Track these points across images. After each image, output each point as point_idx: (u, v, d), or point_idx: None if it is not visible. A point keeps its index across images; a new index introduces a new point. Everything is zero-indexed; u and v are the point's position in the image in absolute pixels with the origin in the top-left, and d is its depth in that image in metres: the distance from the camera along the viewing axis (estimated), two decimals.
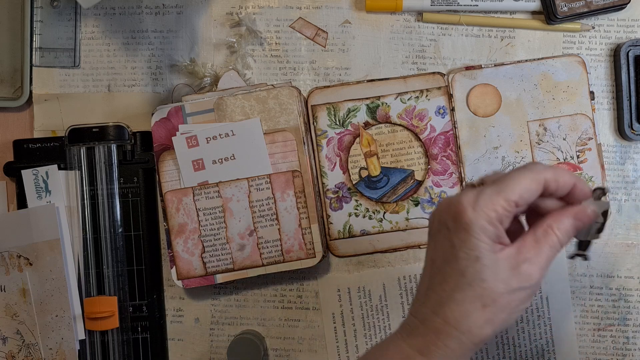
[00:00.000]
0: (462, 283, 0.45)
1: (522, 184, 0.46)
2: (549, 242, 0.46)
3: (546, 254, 0.46)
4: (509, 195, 0.45)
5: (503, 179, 0.46)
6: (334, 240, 0.67)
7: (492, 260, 0.45)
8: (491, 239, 0.45)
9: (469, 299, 0.45)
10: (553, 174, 0.46)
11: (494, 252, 0.45)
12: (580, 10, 0.65)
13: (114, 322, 0.66)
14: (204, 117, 0.65)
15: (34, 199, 0.66)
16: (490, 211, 0.45)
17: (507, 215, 0.45)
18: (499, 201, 0.45)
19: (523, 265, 0.45)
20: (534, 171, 0.46)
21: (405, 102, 0.66)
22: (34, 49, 0.68)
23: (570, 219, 0.47)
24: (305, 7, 0.68)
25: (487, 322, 0.45)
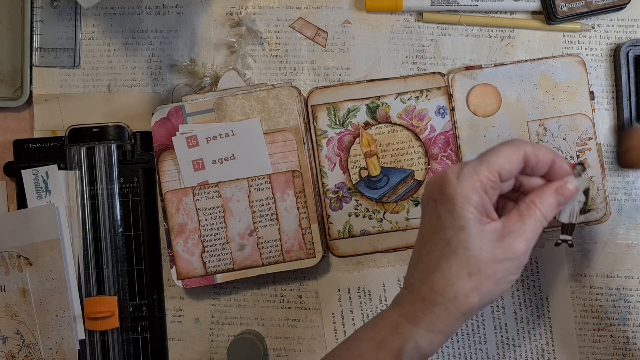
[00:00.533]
0: (448, 251, 0.47)
1: (503, 155, 0.48)
2: (532, 216, 0.48)
3: (530, 226, 0.48)
4: (491, 166, 0.47)
5: (486, 152, 0.48)
6: (334, 240, 0.67)
7: (477, 230, 0.47)
8: (477, 209, 0.47)
9: (455, 267, 0.47)
10: (532, 148, 0.48)
11: (480, 223, 0.47)
12: (580, 10, 0.65)
13: (114, 322, 0.66)
14: (204, 117, 0.65)
15: (34, 199, 0.66)
16: (474, 181, 0.47)
17: (491, 185, 0.47)
18: (482, 171, 0.47)
19: (508, 237, 0.47)
20: (514, 144, 0.48)
21: (405, 102, 0.66)
22: (34, 49, 0.68)
23: (552, 193, 0.49)
24: (305, 7, 0.68)
25: (472, 290, 0.47)
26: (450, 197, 0.47)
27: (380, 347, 0.49)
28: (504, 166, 0.47)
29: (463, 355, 0.67)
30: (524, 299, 0.67)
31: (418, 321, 0.48)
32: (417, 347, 0.48)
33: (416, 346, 0.48)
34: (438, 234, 0.48)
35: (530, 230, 0.48)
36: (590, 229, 0.67)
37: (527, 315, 0.67)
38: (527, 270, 0.67)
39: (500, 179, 0.48)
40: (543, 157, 0.49)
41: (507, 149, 0.48)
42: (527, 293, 0.67)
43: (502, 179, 0.48)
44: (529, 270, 0.67)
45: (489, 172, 0.47)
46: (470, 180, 0.47)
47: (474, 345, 0.67)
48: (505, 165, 0.47)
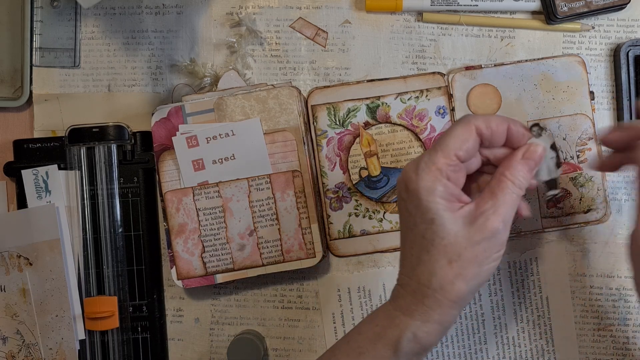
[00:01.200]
0: (425, 244, 0.48)
1: (455, 135, 0.47)
2: (504, 189, 0.48)
3: (503, 201, 0.47)
4: (445, 151, 0.47)
5: (439, 137, 0.49)
6: (334, 240, 0.67)
7: (448, 218, 0.47)
8: (443, 198, 0.47)
9: (434, 258, 0.47)
10: (484, 120, 0.48)
11: (450, 210, 0.47)
12: (580, 10, 0.65)
13: (114, 322, 0.66)
14: (204, 117, 0.65)
15: (34, 199, 0.66)
16: (433, 170, 0.47)
17: (451, 169, 0.47)
18: (438, 158, 0.47)
19: (481, 217, 0.47)
20: (464, 121, 0.48)
21: (405, 102, 0.66)
22: (34, 49, 0.68)
23: (520, 161, 0.49)
24: (305, 7, 0.68)
25: (456, 277, 0.47)
26: (414, 192, 0.47)
27: (378, 339, 0.49)
28: (460, 146, 0.47)
29: (463, 355, 0.67)
30: (524, 299, 0.67)
31: (412, 313, 0.48)
32: (415, 337, 0.48)
33: (413, 337, 0.48)
34: (413, 230, 0.48)
35: (504, 204, 0.47)
36: (590, 229, 0.67)
37: (527, 315, 0.67)
38: (527, 270, 0.67)
39: (460, 160, 0.48)
40: (496, 127, 0.48)
41: (458, 128, 0.48)
42: (527, 293, 0.67)
43: (461, 159, 0.48)
44: (529, 270, 0.67)
45: (445, 158, 0.47)
46: (428, 172, 0.47)
47: (474, 345, 0.67)
48: (460, 145, 0.47)
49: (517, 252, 0.67)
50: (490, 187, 0.48)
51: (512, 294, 0.67)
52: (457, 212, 0.47)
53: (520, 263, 0.67)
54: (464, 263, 0.47)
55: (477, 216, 0.47)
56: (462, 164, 0.48)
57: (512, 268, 0.67)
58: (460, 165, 0.48)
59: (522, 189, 0.48)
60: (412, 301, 0.49)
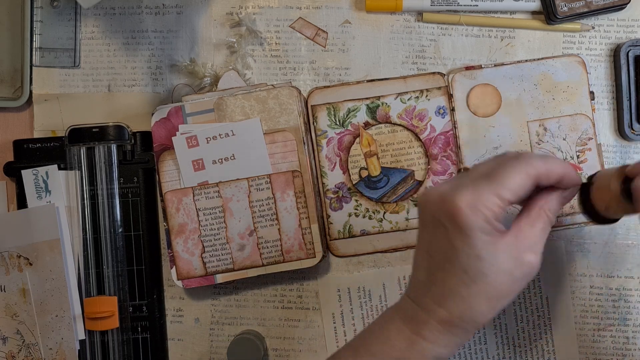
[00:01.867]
0: (465, 279, 0.46)
1: (516, 180, 0.46)
2: (542, 225, 0.48)
3: (541, 237, 0.47)
4: (504, 194, 0.45)
5: (496, 173, 0.46)
6: (334, 240, 0.67)
7: (491, 254, 0.46)
8: (489, 235, 0.46)
9: (474, 294, 0.46)
10: (545, 167, 0.47)
11: (493, 244, 0.46)
12: (580, 10, 0.65)
13: (114, 322, 0.66)
14: (204, 117, 0.65)
15: (34, 199, 0.66)
16: (487, 211, 0.45)
17: (502, 212, 0.46)
18: (495, 200, 0.45)
19: (525, 254, 0.46)
20: (527, 164, 0.46)
21: (405, 102, 0.66)
22: (34, 49, 0.68)
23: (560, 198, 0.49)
24: (305, 7, 0.68)
25: (490, 310, 0.47)
26: (465, 229, 0.45)
27: None
28: (517, 192, 0.46)
29: (463, 355, 0.67)
30: (524, 299, 0.67)
31: (436, 340, 0.48)
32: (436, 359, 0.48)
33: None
34: (453, 262, 0.47)
35: (542, 241, 0.48)
36: (590, 229, 0.67)
37: (527, 315, 0.67)
38: None
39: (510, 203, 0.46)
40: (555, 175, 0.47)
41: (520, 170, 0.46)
42: (527, 293, 0.67)
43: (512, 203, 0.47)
44: None
45: (501, 202, 0.46)
46: (484, 211, 0.45)
47: (474, 345, 0.67)
48: (518, 191, 0.46)
49: None
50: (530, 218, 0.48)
51: None
52: (497, 244, 0.46)
53: None
54: (501, 299, 0.47)
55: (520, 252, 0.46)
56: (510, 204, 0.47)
57: None
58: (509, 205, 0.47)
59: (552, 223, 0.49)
60: (438, 329, 0.48)
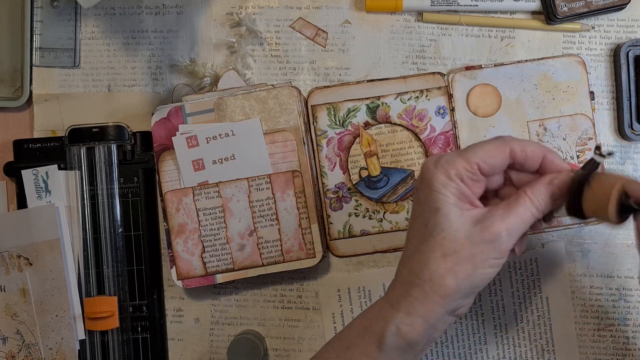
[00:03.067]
0: (425, 234, 0.48)
1: (486, 149, 0.48)
2: (519, 203, 0.48)
3: (516, 212, 0.47)
4: (469, 157, 0.48)
5: (471, 145, 0.49)
6: (334, 240, 0.67)
7: (453, 212, 0.47)
8: (454, 194, 0.48)
9: (430, 249, 0.48)
10: (520, 144, 0.49)
11: (458, 207, 0.47)
12: (580, 10, 0.65)
13: (114, 322, 0.66)
14: (204, 117, 0.65)
15: (34, 199, 0.66)
16: (450, 168, 0.48)
17: (469, 176, 0.48)
18: (459, 161, 0.48)
19: (487, 220, 0.47)
20: (500, 139, 0.49)
21: (405, 102, 0.66)
22: (34, 49, 0.68)
23: (544, 184, 0.48)
24: (305, 7, 0.68)
25: (448, 272, 0.47)
26: (427, 182, 0.48)
27: (366, 333, 0.49)
28: (486, 160, 0.48)
29: (463, 355, 0.67)
30: (524, 299, 0.67)
31: (399, 305, 0.48)
32: (398, 330, 0.48)
33: (397, 330, 0.48)
34: (417, 219, 0.49)
35: (516, 216, 0.47)
36: (590, 229, 0.67)
37: (527, 315, 0.67)
38: (527, 270, 0.67)
39: (480, 172, 0.48)
40: (532, 153, 0.49)
41: (493, 143, 0.49)
42: (527, 293, 0.67)
43: (482, 172, 0.48)
44: (529, 270, 0.67)
45: (466, 163, 0.48)
46: (446, 167, 0.48)
47: (474, 345, 0.67)
48: (486, 159, 0.48)
49: None
50: (508, 200, 0.48)
51: (512, 294, 0.67)
52: (466, 211, 0.48)
53: (520, 263, 0.67)
54: (459, 259, 0.47)
55: (485, 218, 0.47)
56: (482, 175, 0.48)
57: (512, 268, 0.67)
58: (479, 175, 0.48)
59: (539, 210, 0.48)
60: (401, 292, 0.49)
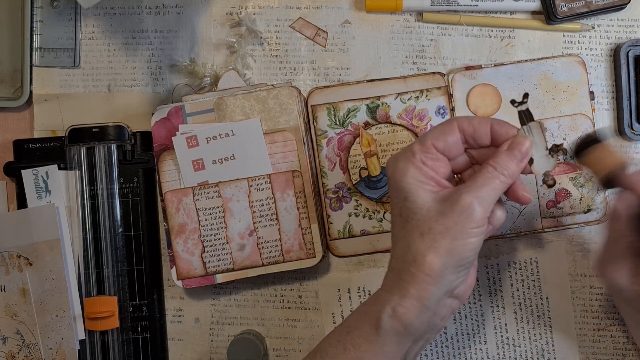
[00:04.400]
0: (402, 222, 0.51)
1: (435, 128, 0.52)
2: (484, 174, 0.50)
3: (482, 182, 0.50)
4: (422, 140, 0.51)
5: None
6: (334, 240, 0.67)
7: (420, 196, 0.50)
8: (417, 179, 0.50)
9: (408, 233, 0.50)
10: (466, 119, 0.52)
11: (423, 189, 0.50)
12: (580, 10, 0.65)
13: (114, 322, 0.66)
14: (204, 117, 0.65)
15: (34, 199, 0.66)
16: (408, 156, 0.51)
17: (428, 156, 0.51)
18: (414, 146, 0.51)
19: (455, 193, 0.49)
20: (448, 120, 0.53)
21: (405, 102, 0.66)
22: (34, 49, 0.68)
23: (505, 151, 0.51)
24: (305, 7, 0.68)
25: (428, 249, 0.49)
26: (391, 176, 0.51)
27: (364, 317, 0.52)
28: (437, 137, 0.51)
29: (463, 355, 0.67)
30: (524, 299, 0.67)
31: (392, 289, 0.51)
32: (394, 312, 0.50)
33: (392, 312, 0.50)
34: (393, 212, 0.52)
35: (482, 186, 0.49)
36: (590, 229, 0.67)
37: (527, 315, 0.67)
38: (527, 270, 0.67)
39: (438, 150, 0.51)
40: (478, 125, 0.52)
41: (442, 123, 0.52)
42: (527, 293, 0.67)
43: (439, 150, 0.51)
44: (529, 270, 0.67)
45: (420, 145, 0.51)
46: (404, 157, 0.51)
47: (474, 345, 0.67)
48: (438, 137, 0.51)
49: (517, 252, 0.67)
50: (475, 172, 0.52)
51: (512, 294, 0.67)
52: (434, 192, 0.50)
53: (520, 263, 0.67)
54: (435, 235, 0.49)
55: (452, 194, 0.50)
56: (440, 154, 0.51)
57: (512, 268, 0.67)
58: (438, 155, 0.51)
59: (508, 177, 0.50)
60: (393, 278, 0.51)
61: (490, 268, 0.67)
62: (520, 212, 0.66)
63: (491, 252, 0.67)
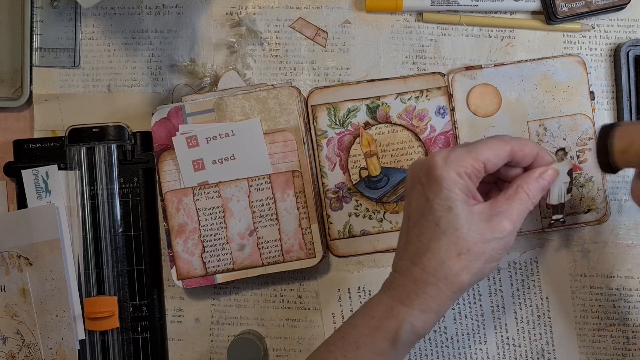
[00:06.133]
0: (437, 232, 0.49)
1: (491, 148, 0.50)
2: (519, 198, 0.51)
3: (517, 208, 0.50)
4: (478, 156, 0.50)
5: (474, 142, 0.51)
6: (334, 240, 0.67)
7: (464, 210, 0.49)
8: (463, 192, 0.49)
9: (445, 248, 0.49)
10: (519, 144, 0.51)
11: (467, 204, 0.49)
12: (580, 10, 0.65)
13: (114, 322, 0.66)
14: (204, 117, 0.65)
15: (34, 199, 0.66)
16: (460, 166, 0.49)
17: (475, 173, 0.50)
18: (468, 159, 0.49)
19: (496, 217, 0.49)
20: (502, 140, 0.51)
21: (405, 102, 0.66)
22: (34, 49, 0.68)
23: (536, 178, 0.52)
24: (305, 7, 0.68)
25: (463, 269, 0.49)
26: (437, 179, 0.49)
27: (376, 332, 0.50)
28: (491, 159, 0.50)
29: (463, 355, 0.67)
30: (524, 299, 0.67)
31: (411, 302, 0.49)
32: (412, 328, 0.49)
33: (411, 327, 0.49)
34: (427, 216, 0.49)
35: (517, 212, 0.50)
36: (590, 229, 0.67)
37: (527, 315, 0.67)
38: (527, 270, 0.67)
39: (484, 170, 0.50)
40: (529, 151, 0.52)
41: (496, 142, 0.51)
42: (527, 293, 0.67)
43: (486, 170, 0.50)
44: (529, 270, 0.67)
45: (474, 161, 0.49)
46: (457, 165, 0.49)
47: (474, 345, 0.67)
48: (492, 158, 0.50)
49: (517, 252, 0.67)
50: (507, 193, 0.51)
51: (512, 294, 0.67)
52: (473, 207, 0.49)
53: (520, 263, 0.67)
54: (472, 257, 0.48)
55: (492, 215, 0.49)
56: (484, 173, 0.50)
57: (512, 268, 0.67)
58: (483, 172, 0.50)
59: (533, 203, 0.51)
60: (413, 289, 0.49)
61: None
62: None
63: None
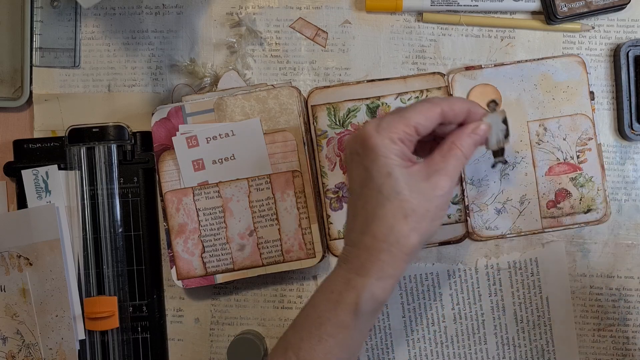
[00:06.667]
0: (381, 199, 0.50)
1: (420, 111, 0.51)
2: (453, 155, 0.52)
3: (453, 164, 0.52)
4: (408, 121, 0.51)
5: (405, 108, 0.52)
6: (334, 240, 0.67)
7: (403, 174, 0.50)
8: (398, 156, 0.50)
9: (391, 213, 0.50)
10: (448, 104, 0.52)
11: (404, 167, 0.50)
12: (580, 10, 0.65)
13: (114, 322, 0.66)
14: (204, 117, 0.65)
15: (34, 199, 0.66)
16: (392, 132, 0.50)
17: (408, 137, 0.51)
18: (400, 125, 0.51)
19: (434, 176, 0.51)
20: (431, 102, 0.52)
21: (405, 102, 0.66)
22: (34, 49, 0.68)
23: (469, 134, 0.53)
24: (305, 7, 0.68)
25: (411, 231, 0.50)
26: (373, 148, 0.50)
27: (337, 305, 0.51)
28: (421, 122, 0.51)
29: (463, 355, 0.67)
30: (524, 299, 0.67)
31: (367, 272, 0.50)
32: (372, 296, 0.50)
33: (371, 296, 0.50)
34: (368, 185, 0.51)
35: (453, 168, 0.51)
36: (590, 229, 0.67)
37: (527, 315, 0.67)
38: (527, 270, 0.67)
39: (416, 133, 0.51)
40: (459, 110, 0.53)
41: (426, 106, 0.52)
42: (527, 293, 0.67)
43: (418, 133, 0.51)
44: (529, 270, 0.67)
45: (405, 127, 0.50)
46: (388, 132, 0.50)
47: (474, 345, 0.67)
48: (422, 121, 0.51)
49: (517, 252, 0.67)
50: (441, 151, 0.52)
51: (512, 294, 0.67)
52: (410, 169, 0.50)
53: (520, 263, 0.67)
54: (418, 217, 0.50)
55: (430, 174, 0.51)
56: (417, 136, 0.52)
57: (512, 268, 0.67)
58: (415, 136, 0.51)
59: (467, 158, 0.53)
60: (367, 258, 0.50)
61: (490, 268, 0.67)
62: (521, 212, 0.66)
63: (491, 252, 0.67)
